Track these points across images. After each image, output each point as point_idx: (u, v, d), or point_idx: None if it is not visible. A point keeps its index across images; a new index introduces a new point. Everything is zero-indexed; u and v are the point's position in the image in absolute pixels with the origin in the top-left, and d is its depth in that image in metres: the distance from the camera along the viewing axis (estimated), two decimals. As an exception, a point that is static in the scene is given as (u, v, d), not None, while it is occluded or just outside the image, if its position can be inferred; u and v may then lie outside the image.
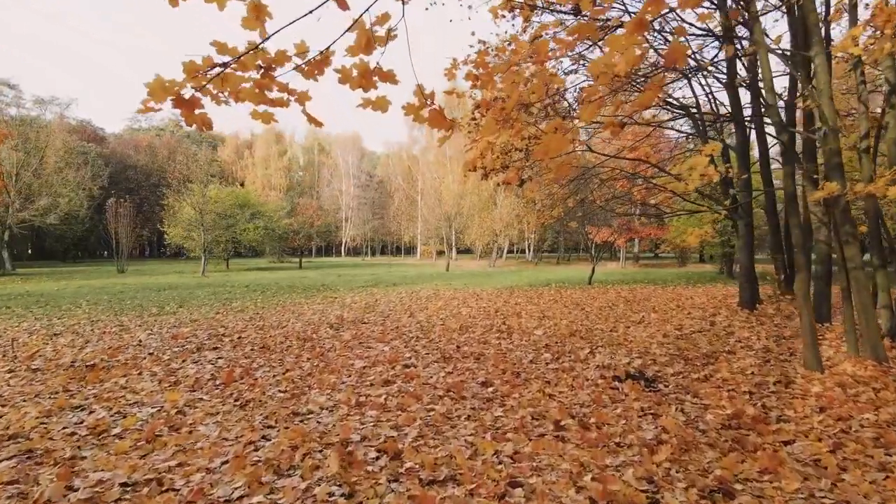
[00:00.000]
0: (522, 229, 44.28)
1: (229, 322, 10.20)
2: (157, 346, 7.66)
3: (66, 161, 43.17)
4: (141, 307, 12.91)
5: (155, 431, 4.03)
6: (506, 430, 4.31)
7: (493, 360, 6.69)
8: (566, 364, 6.58)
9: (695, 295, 15.86)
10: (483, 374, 6.04)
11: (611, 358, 6.86)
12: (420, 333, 8.77)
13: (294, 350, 7.28)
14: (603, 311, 12.13)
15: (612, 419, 4.54)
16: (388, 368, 6.23)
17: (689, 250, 41.68)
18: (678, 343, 7.81)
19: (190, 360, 6.51)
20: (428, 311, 12.22)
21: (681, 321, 10.12)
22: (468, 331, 9.07)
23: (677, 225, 25.82)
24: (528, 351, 7.41)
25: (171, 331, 9.03)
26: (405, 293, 16.90)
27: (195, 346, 7.58)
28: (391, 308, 12.84)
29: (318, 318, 10.76)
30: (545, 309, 12.54)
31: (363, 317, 11.13)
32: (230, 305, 13.51)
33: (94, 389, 5.29)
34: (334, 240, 67.90)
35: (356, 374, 5.95)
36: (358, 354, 6.92)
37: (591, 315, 11.39)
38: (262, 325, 9.93)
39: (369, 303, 14.03)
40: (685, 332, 8.88)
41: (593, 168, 13.59)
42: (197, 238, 28.42)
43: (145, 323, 10.11)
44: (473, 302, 14.23)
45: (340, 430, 4.09)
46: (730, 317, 10.36)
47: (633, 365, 6.47)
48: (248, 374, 5.81)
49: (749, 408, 4.72)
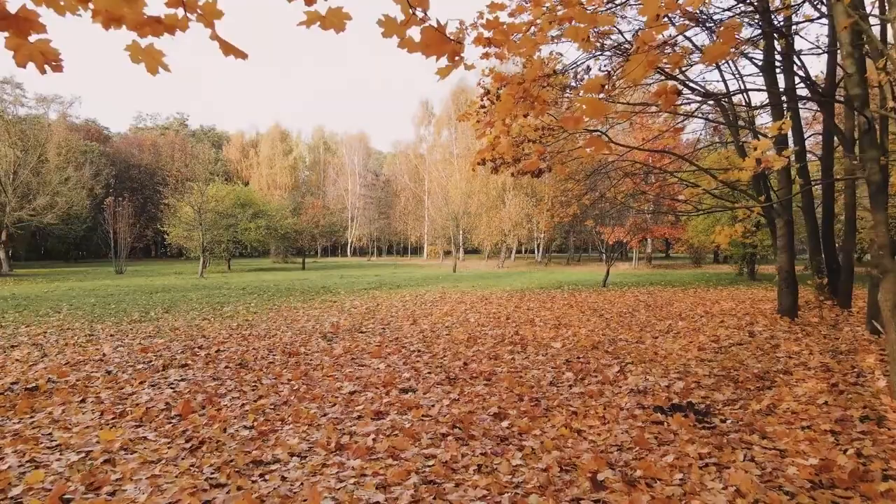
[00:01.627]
0: (531, 229, 43.16)
1: (212, 331, 9.24)
2: (120, 361, 6.70)
3: (68, 159, 42.63)
4: (124, 312, 11.99)
5: (62, 494, 3.04)
6: (528, 488, 3.28)
7: (507, 382, 5.66)
8: (593, 387, 5.54)
9: (720, 299, 14.74)
10: (495, 400, 5.02)
11: (645, 379, 5.81)
12: (422, 346, 7.75)
13: (275, 368, 6.28)
14: (623, 317, 11.07)
15: (664, 471, 3.50)
16: (382, 394, 5.22)
17: (705, 251, 40.45)
18: (720, 359, 6.74)
19: (149, 383, 5.52)
20: (432, 317, 11.21)
21: (714, 331, 9.03)
22: (477, 342, 8.04)
23: (696, 224, 24.63)
24: (547, 369, 6.38)
25: (144, 342, 8.08)
26: (409, 297, 15.90)
27: (164, 361, 6.61)
28: (393, 314, 11.84)
29: (312, 327, 9.77)
30: (560, 315, 11.49)
31: (361, 324, 10.13)
32: (220, 310, 12.57)
33: (19, 424, 4.31)
34: (340, 240, 67.11)
35: (342, 401, 4.94)
36: (348, 375, 5.91)
37: (612, 323, 10.33)
38: (248, 333, 8.96)
39: (370, 307, 13.05)
40: (723, 345, 7.81)
41: (612, 162, 12.51)
42: (196, 238, 27.54)
43: (120, 332, 9.17)
44: (482, 307, 13.20)
45: (308, 492, 3.08)
46: (769, 326, 9.26)
47: (674, 389, 5.43)
48: (212, 402, 4.81)
49: (840, 457, 3.66)
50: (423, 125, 60.67)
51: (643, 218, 26.90)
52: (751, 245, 22.30)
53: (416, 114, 60.58)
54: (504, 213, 42.01)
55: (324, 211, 47.80)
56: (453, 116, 51.77)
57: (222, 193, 30.95)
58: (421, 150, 60.93)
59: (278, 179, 65.83)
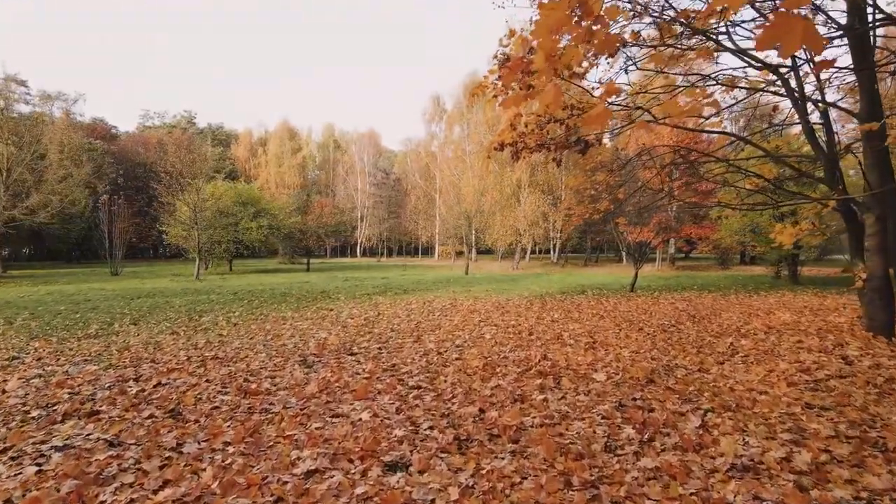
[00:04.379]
0: (548, 228, 41.14)
1: (169, 352, 7.53)
2: (16, 403, 4.99)
3: (70, 157, 41.51)
4: (82, 324, 10.38)
5: None
6: None
7: (544, 448, 3.86)
8: (670, 457, 3.73)
9: (772, 308, 12.79)
10: (530, 489, 3.23)
11: (744, 443, 3.98)
12: (424, 378, 5.96)
13: (216, 419, 4.53)
14: (669, 333, 9.20)
15: None
16: (356, 475, 3.45)
17: (732, 251, 38.14)
18: (830, 404, 4.87)
19: (15, 451, 3.78)
20: (440, 332, 9.43)
21: (795, 355, 7.14)
22: (495, 373, 6.24)
23: (730, 223, 22.56)
24: (594, 419, 4.57)
25: (72, 370, 6.40)
26: (416, 304, 14.13)
27: (72, 405, 4.89)
28: (394, 327, 10.09)
29: (293, 346, 8.04)
30: (592, 329, 9.65)
31: (354, 342, 8.39)
32: (198, 321, 10.91)
33: None
34: (350, 240, 65.63)
35: (292, 490, 3.18)
36: (313, 435, 4.12)
37: (657, 340, 8.47)
38: (211, 356, 7.25)
39: (369, 318, 11.30)
40: (817, 378, 5.93)
41: (649, 150, 10.62)
42: (192, 238, 25.99)
43: (55, 352, 7.51)
44: (498, 317, 11.40)
45: None
46: (864, 349, 7.34)
47: (797, 464, 3.59)
48: (80, 497, 3.07)
49: None
50: (435, 121, 58.88)
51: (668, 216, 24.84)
52: (794, 244, 20.21)
53: (427, 109, 58.80)
54: (519, 211, 40.06)
55: (333, 210, 46.20)
56: (465, 112, 49.94)
57: (220, 191, 29.42)
58: (432, 147, 59.17)
59: (286, 178, 64.44)
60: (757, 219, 20.02)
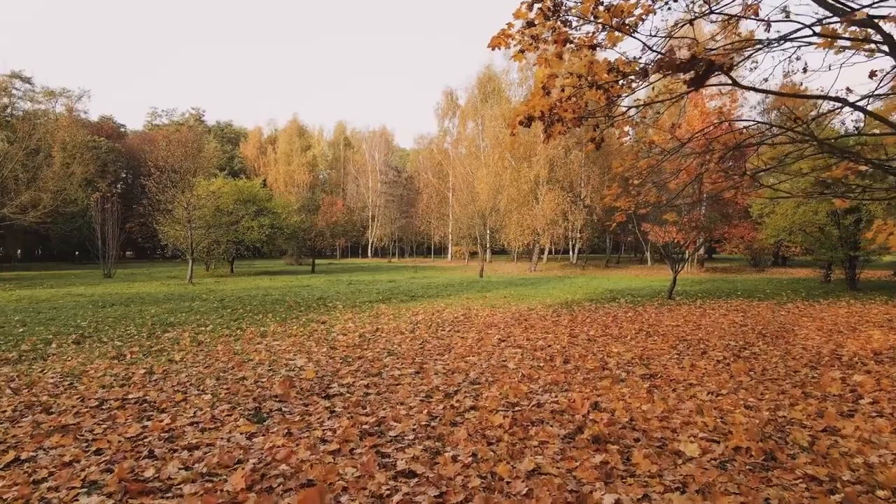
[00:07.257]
0: (567, 227, 38.84)
1: (74, 397, 5.56)
2: None
3: (72, 154, 40.28)
4: (12, 343, 8.53)
5: None
6: None
7: None
8: None
9: (852, 322, 10.58)
10: None
11: None
12: (421, 452, 3.94)
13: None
14: (746, 361, 7.08)
15: None
16: None
17: (764, 252, 35.53)
18: None
19: None
20: (450, 357, 7.41)
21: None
22: (529, 436, 4.20)
23: (775, 221, 20.17)
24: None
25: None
26: (423, 314, 12.12)
27: None
28: (393, 347, 8.10)
29: (252, 382, 6.05)
30: (643, 354, 7.56)
31: (336, 373, 6.40)
32: (160, 338, 9.03)
33: None
34: (361, 240, 63.89)
35: None
36: None
37: (735, 371, 6.36)
38: (137, 399, 5.32)
39: (365, 335, 9.33)
40: None
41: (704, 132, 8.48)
42: (185, 238, 24.22)
43: (-68, 392, 5.63)
44: (522, 334, 9.35)
45: None
46: None
47: None
48: None
49: None
50: (448, 117, 56.79)
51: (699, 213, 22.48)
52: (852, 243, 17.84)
53: (440, 104, 56.71)
54: (537, 209, 37.83)
55: (343, 209, 44.40)
56: (479, 106, 47.84)
57: (219, 187, 27.68)
58: (445, 144, 57.09)
59: (296, 176, 62.84)
60: (812, 217, 17.67)
